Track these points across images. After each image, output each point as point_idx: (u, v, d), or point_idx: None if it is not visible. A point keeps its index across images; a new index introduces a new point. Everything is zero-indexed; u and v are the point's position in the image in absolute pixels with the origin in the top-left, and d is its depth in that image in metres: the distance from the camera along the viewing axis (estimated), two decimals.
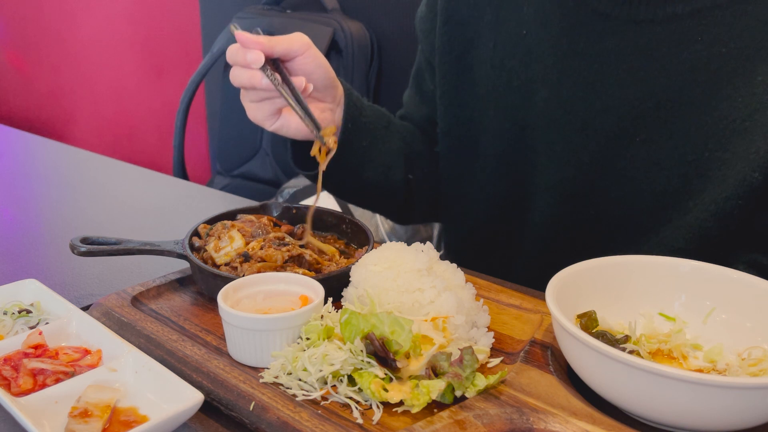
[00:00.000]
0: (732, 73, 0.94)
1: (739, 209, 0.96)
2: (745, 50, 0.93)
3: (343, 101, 1.06)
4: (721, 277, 0.80)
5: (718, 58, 0.94)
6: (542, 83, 1.06)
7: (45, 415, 0.67)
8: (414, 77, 1.29)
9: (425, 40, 1.22)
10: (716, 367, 0.74)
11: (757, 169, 0.94)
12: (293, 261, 0.92)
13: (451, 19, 1.15)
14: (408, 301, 0.79)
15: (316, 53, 0.98)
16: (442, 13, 1.16)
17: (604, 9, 0.99)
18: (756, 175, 0.94)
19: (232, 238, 0.94)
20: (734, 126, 0.95)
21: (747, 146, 0.94)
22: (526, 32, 1.06)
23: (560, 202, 1.08)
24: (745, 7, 0.93)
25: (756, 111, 0.94)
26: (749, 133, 0.94)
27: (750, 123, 0.94)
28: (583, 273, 0.80)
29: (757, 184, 0.94)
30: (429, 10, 1.20)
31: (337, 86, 1.04)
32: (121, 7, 3.28)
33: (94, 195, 1.51)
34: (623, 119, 1.00)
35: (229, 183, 2.63)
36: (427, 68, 1.24)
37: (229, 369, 0.75)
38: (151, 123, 3.37)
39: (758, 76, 0.93)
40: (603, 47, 1.00)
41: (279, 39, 0.95)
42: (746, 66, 0.93)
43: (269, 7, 2.48)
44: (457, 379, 0.69)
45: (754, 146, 0.94)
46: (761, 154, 0.93)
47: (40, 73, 3.79)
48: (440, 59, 1.17)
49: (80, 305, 0.90)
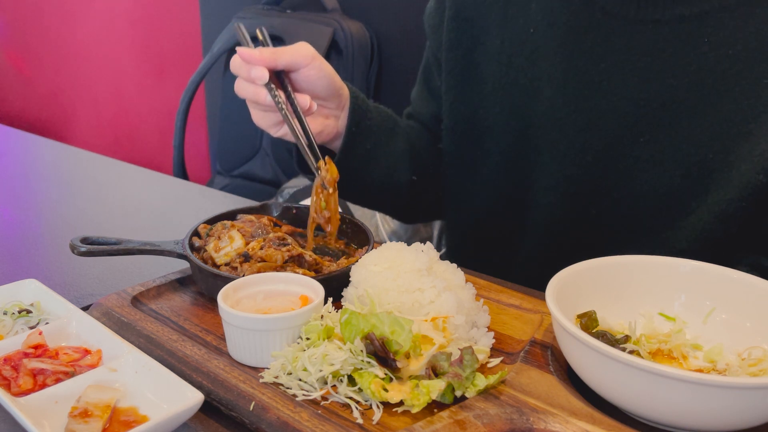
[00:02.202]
0: (738, 75, 0.94)
1: (743, 211, 0.96)
2: (752, 53, 0.93)
3: (348, 105, 1.06)
4: (721, 277, 0.80)
5: (725, 60, 0.94)
6: (548, 81, 1.06)
7: (45, 415, 0.67)
8: (422, 73, 1.29)
9: (433, 35, 1.22)
10: (716, 367, 0.74)
11: (762, 171, 0.94)
12: (293, 261, 0.92)
13: (459, 15, 1.15)
14: (408, 301, 0.79)
15: (320, 64, 0.98)
16: (451, 9, 1.16)
17: (612, 8, 0.99)
18: (760, 178, 0.94)
19: (232, 238, 0.94)
20: (739, 128, 0.95)
21: (751, 148, 0.94)
22: (534, 30, 1.06)
23: (563, 200, 1.08)
24: (753, 10, 0.93)
25: (761, 113, 0.94)
26: (754, 135, 0.94)
27: (755, 125, 0.94)
28: (583, 273, 0.80)
29: (761, 187, 0.94)
30: (437, 6, 1.20)
31: (342, 92, 1.04)
32: (121, 7, 3.28)
33: (94, 195, 1.51)
34: (628, 119, 1.00)
35: (229, 183, 2.63)
36: (434, 64, 1.24)
37: (229, 369, 0.75)
38: (151, 123, 3.37)
39: (764, 78, 0.93)
40: (609, 47, 1.00)
41: (282, 51, 0.95)
42: (752, 68, 0.93)
43: (269, 7, 2.47)
44: (457, 379, 0.69)
45: (759, 148, 0.94)
46: (766, 157, 0.93)
47: (40, 73, 3.79)
48: (447, 55, 1.17)
49: (80, 305, 0.90)
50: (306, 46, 0.98)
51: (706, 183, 0.98)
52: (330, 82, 1.01)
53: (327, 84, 1.00)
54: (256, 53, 0.94)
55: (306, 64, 0.97)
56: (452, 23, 1.16)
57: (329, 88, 1.01)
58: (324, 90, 1.01)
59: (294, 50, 0.97)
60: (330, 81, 1.00)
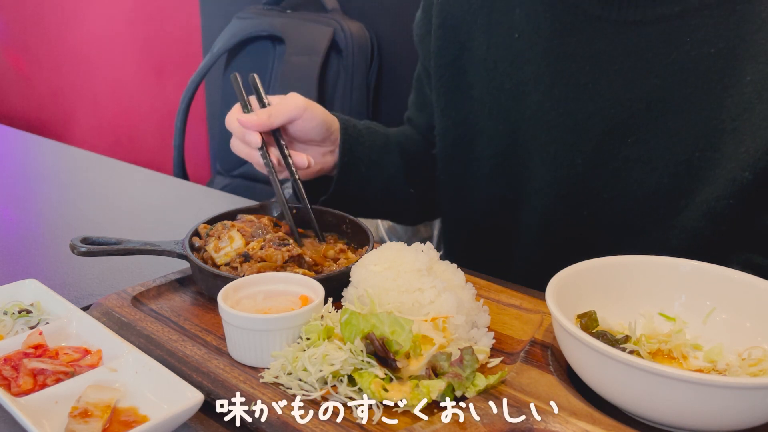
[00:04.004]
0: (721, 73, 0.94)
1: (730, 209, 0.97)
2: (734, 50, 0.93)
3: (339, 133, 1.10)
4: (721, 277, 0.80)
5: (707, 59, 0.95)
6: (534, 85, 1.06)
7: (45, 415, 0.67)
8: (415, 82, 1.31)
9: (421, 44, 1.23)
10: (716, 367, 0.74)
11: (747, 168, 0.94)
12: (293, 261, 0.92)
13: (445, 23, 1.16)
14: (408, 301, 0.79)
15: (311, 114, 1.03)
16: (437, 17, 1.17)
17: (594, 11, 1.00)
18: (746, 175, 0.94)
19: (232, 239, 0.94)
20: (724, 126, 0.95)
21: (737, 146, 0.95)
22: (518, 35, 1.07)
23: (554, 202, 1.08)
24: (734, 7, 0.93)
25: (745, 111, 0.94)
26: (739, 132, 0.94)
27: (739, 123, 0.94)
28: (583, 273, 0.80)
29: (747, 183, 0.95)
30: (424, 15, 1.21)
31: (334, 127, 1.09)
32: (121, 7, 3.28)
33: (94, 195, 1.51)
34: (614, 120, 1.01)
35: (229, 183, 2.63)
36: (424, 73, 1.25)
37: (229, 369, 0.75)
38: (151, 123, 3.37)
39: (747, 75, 0.93)
40: (594, 49, 1.00)
41: (277, 112, 1.00)
42: (735, 66, 0.94)
43: (269, 7, 2.47)
44: (457, 379, 0.69)
45: (744, 146, 0.94)
46: (751, 154, 0.94)
47: (40, 73, 3.79)
48: (435, 62, 1.18)
49: (80, 305, 0.90)
50: (296, 98, 1.03)
51: (693, 181, 0.98)
52: (322, 126, 1.06)
53: (320, 129, 1.06)
54: (253, 119, 0.99)
55: (298, 116, 1.02)
56: (439, 31, 1.17)
57: (323, 132, 1.06)
58: (318, 135, 1.06)
59: (287, 108, 1.01)
60: (322, 125, 1.06)
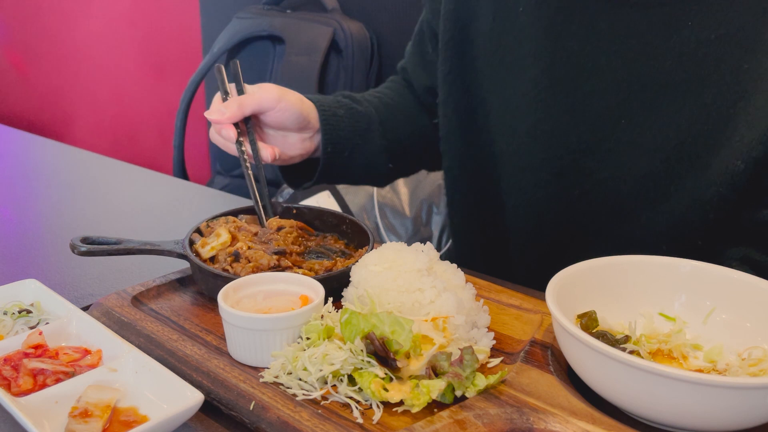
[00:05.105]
0: (719, 59, 0.94)
1: (720, 197, 0.97)
2: (734, 37, 0.93)
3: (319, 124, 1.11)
4: (721, 277, 0.80)
5: (706, 44, 0.95)
6: (534, 61, 1.06)
7: (45, 415, 0.67)
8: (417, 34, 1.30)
9: (430, 4, 1.22)
10: (716, 367, 0.74)
11: (740, 157, 0.94)
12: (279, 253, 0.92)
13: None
14: (408, 301, 0.79)
15: (286, 104, 1.03)
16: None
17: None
18: (738, 163, 0.94)
19: (218, 235, 0.95)
20: (719, 113, 0.95)
21: (731, 134, 0.95)
22: (522, 9, 1.07)
23: (546, 181, 1.09)
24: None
25: (741, 99, 0.94)
26: (733, 120, 0.94)
27: (734, 111, 0.94)
28: (583, 273, 0.80)
29: (739, 173, 0.95)
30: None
31: (311, 116, 1.09)
32: (121, 7, 3.28)
33: (94, 195, 1.51)
34: (610, 101, 1.01)
35: (229, 183, 2.63)
36: (429, 34, 1.25)
37: (229, 369, 0.75)
38: (151, 123, 3.37)
39: (744, 64, 0.93)
40: (595, 29, 1.00)
41: (248, 101, 1.01)
42: (733, 53, 0.94)
43: (269, 7, 2.47)
44: (457, 379, 0.69)
45: (738, 134, 0.94)
46: (745, 143, 0.94)
47: (40, 73, 3.79)
48: (445, 25, 1.17)
49: (80, 305, 0.90)
50: (270, 88, 1.03)
51: (685, 167, 0.98)
52: (298, 116, 1.06)
53: (295, 119, 1.06)
54: (224, 115, 1.00)
55: (272, 107, 1.02)
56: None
57: (299, 121, 1.06)
58: (294, 124, 1.06)
59: (258, 97, 1.02)
60: (298, 116, 1.05)
